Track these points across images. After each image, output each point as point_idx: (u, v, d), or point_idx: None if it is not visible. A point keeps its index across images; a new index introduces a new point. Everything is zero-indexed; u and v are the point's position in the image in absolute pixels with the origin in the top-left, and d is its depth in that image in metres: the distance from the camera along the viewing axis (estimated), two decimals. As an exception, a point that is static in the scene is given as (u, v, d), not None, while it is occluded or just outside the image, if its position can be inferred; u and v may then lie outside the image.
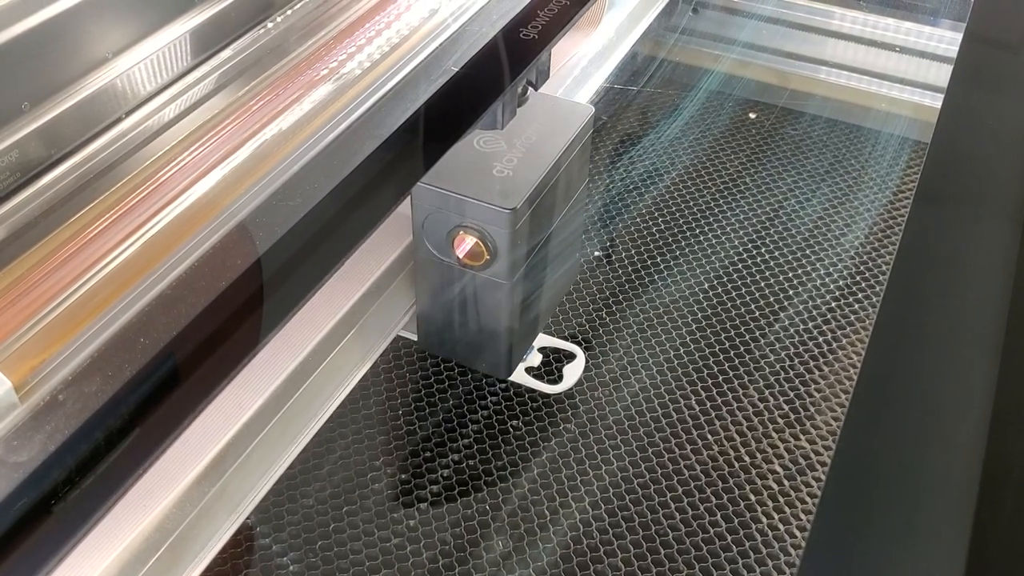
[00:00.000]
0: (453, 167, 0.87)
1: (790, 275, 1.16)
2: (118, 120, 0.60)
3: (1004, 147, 0.72)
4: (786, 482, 0.93)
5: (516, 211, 0.86)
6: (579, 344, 1.06)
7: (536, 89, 0.90)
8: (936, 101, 1.38)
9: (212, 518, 0.73)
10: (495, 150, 0.91)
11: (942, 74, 1.39)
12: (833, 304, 1.12)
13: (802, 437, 0.98)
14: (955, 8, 1.39)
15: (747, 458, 0.95)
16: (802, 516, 0.91)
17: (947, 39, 1.38)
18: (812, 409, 1.00)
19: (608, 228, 1.21)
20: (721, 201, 1.26)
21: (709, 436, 0.98)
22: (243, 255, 0.52)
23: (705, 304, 1.12)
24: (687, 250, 1.19)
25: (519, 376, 1.02)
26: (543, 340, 1.06)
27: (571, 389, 1.01)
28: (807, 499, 0.92)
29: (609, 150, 1.34)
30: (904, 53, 1.41)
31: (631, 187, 1.28)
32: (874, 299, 1.12)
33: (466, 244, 0.89)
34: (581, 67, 1.22)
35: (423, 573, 0.86)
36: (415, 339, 1.03)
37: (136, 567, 0.65)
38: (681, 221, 1.23)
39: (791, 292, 1.13)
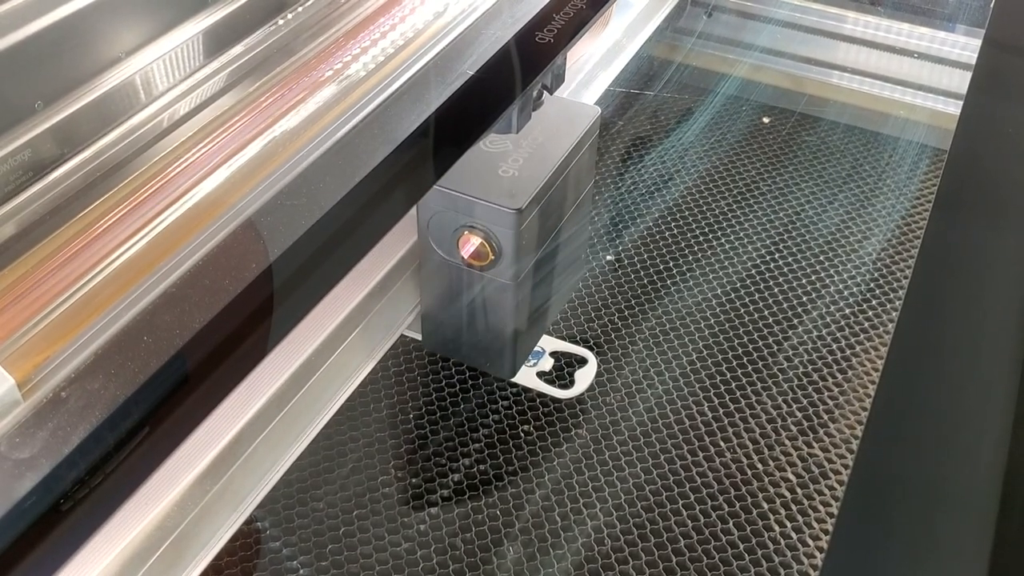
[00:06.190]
0: (459, 167, 0.87)
1: (806, 283, 1.14)
2: (128, 118, 0.60)
3: (1024, 154, 0.71)
4: (799, 490, 0.92)
5: (522, 211, 0.85)
6: (591, 349, 1.05)
7: (551, 93, 0.89)
8: (955, 107, 1.37)
9: (214, 516, 0.72)
10: (501, 150, 0.91)
11: (960, 80, 1.38)
12: (848, 312, 1.11)
13: (816, 445, 0.97)
14: (974, 13, 1.38)
15: (760, 466, 0.94)
16: (815, 525, 0.90)
17: (963, 44, 1.37)
18: (827, 417, 0.99)
19: (622, 233, 1.21)
20: (736, 208, 1.25)
21: (723, 444, 0.97)
22: (250, 254, 0.52)
23: (720, 311, 1.11)
24: (702, 256, 1.18)
25: (530, 380, 1.01)
26: (554, 344, 1.05)
27: (583, 394, 1.01)
28: (820, 508, 0.91)
29: (623, 154, 1.33)
30: (922, 59, 1.40)
31: (646, 192, 1.27)
32: (891, 308, 1.11)
33: (471, 244, 0.89)
34: (586, 71, 1.21)
35: (432, 578, 0.85)
36: (419, 338, 1.02)
37: (137, 565, 0.65)
38: (695, 227, 1.22)
39: (808, 300, 1.12)
